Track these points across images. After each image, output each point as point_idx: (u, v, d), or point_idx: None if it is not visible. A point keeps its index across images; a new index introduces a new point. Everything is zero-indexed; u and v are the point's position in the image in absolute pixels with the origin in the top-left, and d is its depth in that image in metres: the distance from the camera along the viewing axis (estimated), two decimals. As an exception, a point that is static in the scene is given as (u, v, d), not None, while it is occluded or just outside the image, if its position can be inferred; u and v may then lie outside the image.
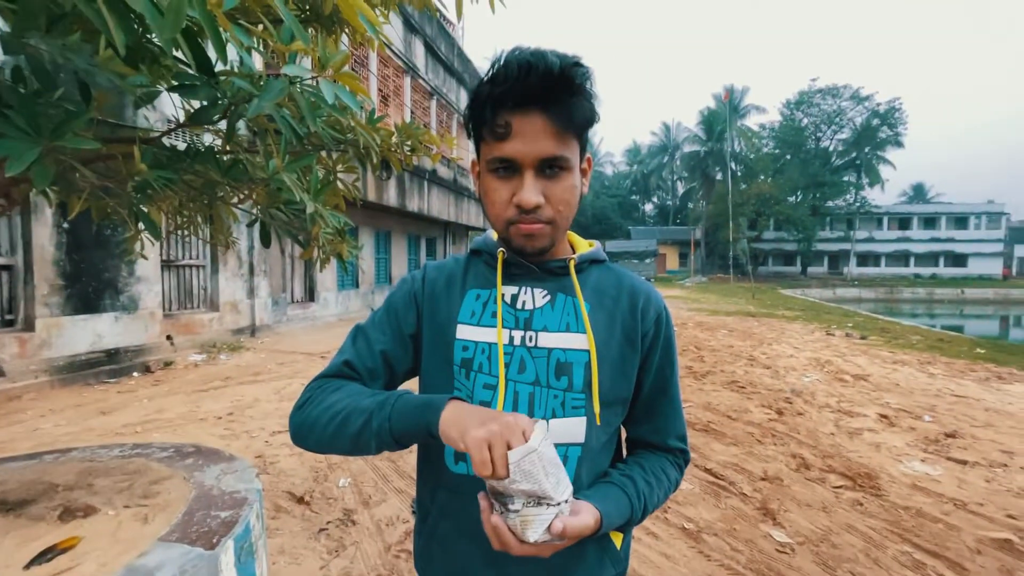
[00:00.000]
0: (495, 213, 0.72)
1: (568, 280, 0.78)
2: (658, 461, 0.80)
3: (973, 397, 5.18)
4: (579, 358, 0.73)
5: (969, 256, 40.79)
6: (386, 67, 11.53)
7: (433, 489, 0.78)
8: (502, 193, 0.70)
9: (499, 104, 0.66)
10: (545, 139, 0.67)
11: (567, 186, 0.70)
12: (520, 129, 0.66)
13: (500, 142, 0.68)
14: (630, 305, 0.78)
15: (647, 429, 0.82)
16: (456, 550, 0.74)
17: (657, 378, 0.80)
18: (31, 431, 3.90)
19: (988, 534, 2.52)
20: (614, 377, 0.75)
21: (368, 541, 2.40)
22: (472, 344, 0.75)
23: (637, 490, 0.73)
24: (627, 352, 0.77)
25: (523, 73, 0.64)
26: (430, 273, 0.83)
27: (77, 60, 1.46)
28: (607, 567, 0.76)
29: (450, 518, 0.75)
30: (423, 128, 2.37)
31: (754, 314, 13.93)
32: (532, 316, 0.75)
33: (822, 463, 3.44)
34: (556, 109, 0.66)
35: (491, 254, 0.80)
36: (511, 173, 0.69)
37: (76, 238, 5.60)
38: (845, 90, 35.59)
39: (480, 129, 0.70)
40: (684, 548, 2.42)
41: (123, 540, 1.55)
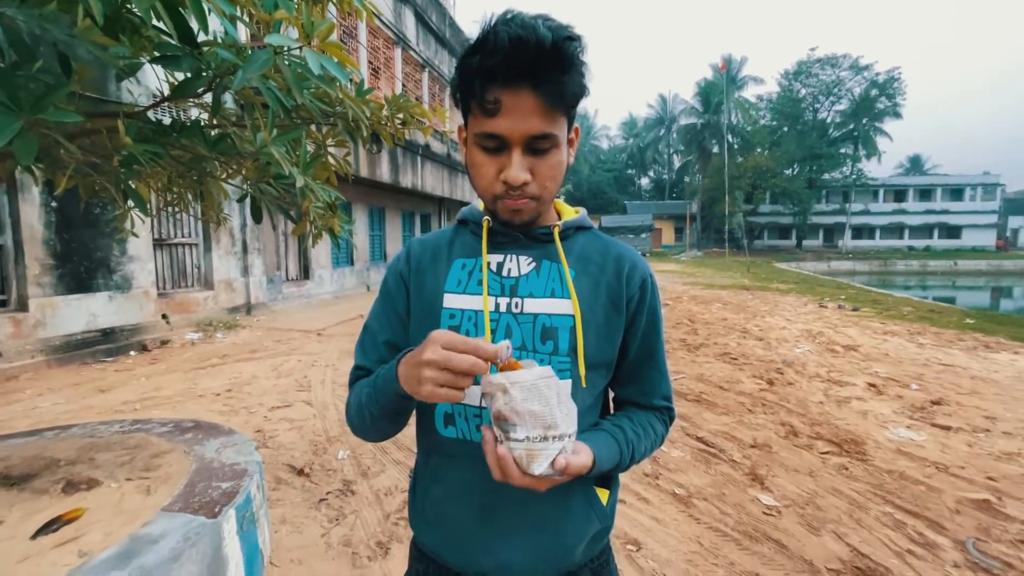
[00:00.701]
0: (483, 188, 0.73)
1: (553, 247, 0.79)
2: (645, 416, 0.83)
3: (960, 366, 5.28)
4: (564, 323, 0.75)
5: (963, 228, 40.91)
6: (376, 38, 11.24)
7: (427, 454, 0.81)
8: (489, 168, 0.70)
9: (488, 79, 0.65)
10: (534, 117, 0.66)
11: (554, 163, 0.71)
12: (509, 106, 0.66)
13: (489, 118, 0.67)
14: (615, 271, 0.80)
15: (634, 391, 0.85)
16: (449, 510, 0.77)
17: (643, 343, 0.82)
18: (29, 410, 3.93)
19: (967, 495, 2.61)
20: (599, 341, 0.77)
21: (367, 510, 2.46)
22: (459, 312, 0.77)
23: (626, 438, 0.76)
24: (612, 316, 0.78)
25: (514, 48, 0.63)
26: (414, 249, 0.85)
27: (55, 31, 1.43)
28: (593, 522, 0.79)
29: (442, 482, 0.78)
30: (414, 101, 2.33)
31: (748, 287, 14.01)
32: (518, 283, 0.77)
33: (810, 430, 3.52)
34: (546, 86, 0.65)
35: (477, 223, 0.82)
36: (499, 149, 0.69)
37: (65, 217, 5.54)
38: (844, 60, 34.98)
39: (468, 101, 0.69)
40: (674, 512, 2.50)
41: (127, 511, 1.59)
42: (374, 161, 10.75)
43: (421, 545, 0.83)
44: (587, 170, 51.58)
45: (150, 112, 1.81)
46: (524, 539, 0.75)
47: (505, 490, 0.73)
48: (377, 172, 10.94)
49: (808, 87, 36.43)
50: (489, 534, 0.75)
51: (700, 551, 2.18)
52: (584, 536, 0.78)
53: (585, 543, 0.78)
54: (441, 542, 0.79)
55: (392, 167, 11.61)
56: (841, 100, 36.23)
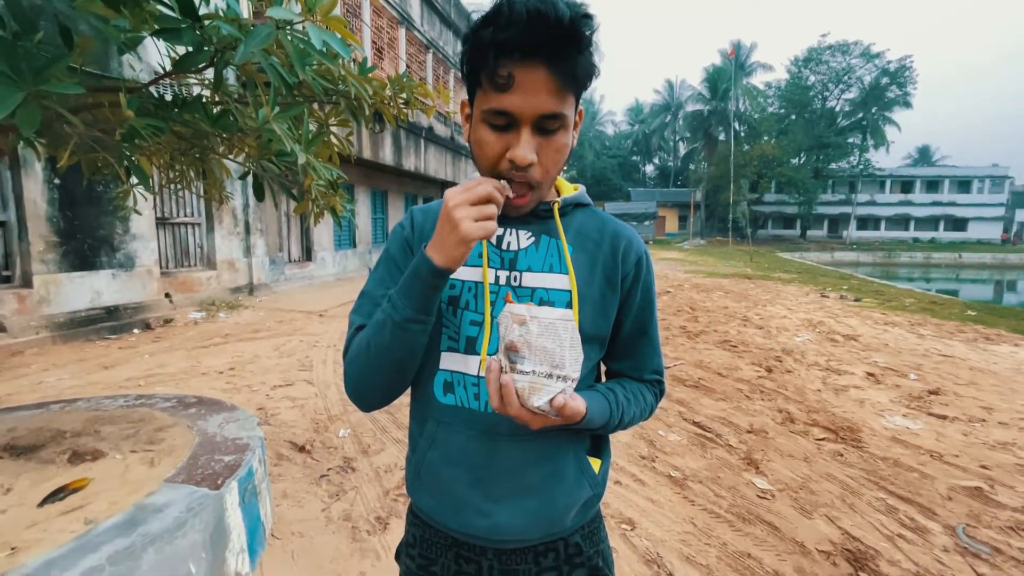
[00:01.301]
0: (486, 165, 0.71)
1: (552, 223, 0.80)
2: (637, 385, 0.85)
3: (959, 357, 5.30)
4: (561, 297, 0.76)
5: (969, 220, 40.60)
6: (380, 17, 11.08)
7: (422, 421, 0.82)
8: (495, 146, 0.69)
9: (502, 52, 0.63)
10: (546, 95, 0.65)
11: (560, 145, 0.70)
12: (522, 81, 0.64)
13: (500, 93, 0.65)
14: (611, 248, 0.81)
15: (627, 365, 0.87)
16: (444, 476, 0.79)
17: (637, 318, 0.83)
18: (35, 384, 3.98)
19: (960, 482, 2.64)
20: (594, 316, 0.78)
21: (367, 486, 2.51)
22: (459, 282, 0.78)
23: (616, 399, 0.78)
24: (607, 293, 0.80)
25: (532, 21, 0.61)
26: (417, 216, 0.85)
27: (56, 2, 1.42)
28: (584, 488, 0.81)
29: (438, 447, 0.79)
30: (417, 80, 2.32)
31: (751, 277, 13.99)
32: (517, 256, 0.78)
33: (807, 417, 3.55)
34: (560, 63, 0.64)
35: None
36: (507, 127, 0.67)
37: (68, 194, 5.54)
38: (855, 47, 34.38)
39: (478, 74, 0.68)
40: (670, 494, 2.53)
41: (131, 481, 1.62)
42: (377, 143, 10.68)
43: (418, 510, 0.85)
44: (591, 156, 51.14)
45: (152, 88, 1.81)
46: (517, 503, 0.77)
47: (499, 455, 0.75)
48: (380, 154, 10.87)
49: (818, 74, 35.89)
50: (483, 497, 0.77)
51: (694, 531, 2.22)
52: (576, 502, 0.80)
53: (576, 509, 0.80)
54: (436, 505, 0.81)
55: (395, 149, 11.54)
56: (851, 88, 35.70)
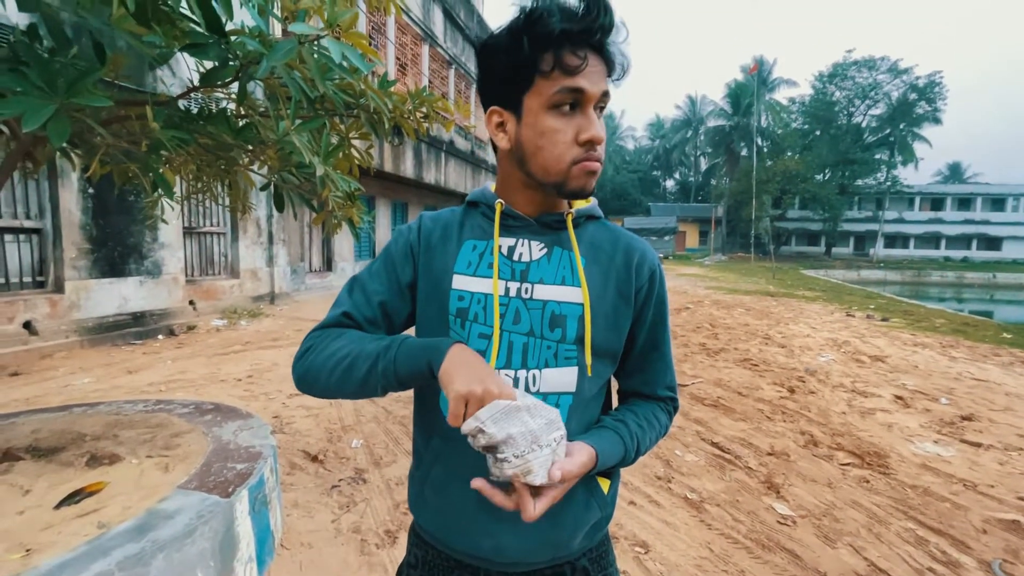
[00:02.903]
0: (557, 155, 0.70)
1: (565, 234, 0.79)
2: (649, 407, 0.83)
3: (994, 381, 5.08)
4: (573, 311, 0.74)
5: (1004, 239, 39.26)
6: (404, 35, 11.34)
7: (428, 436, 0.81)
8: (567, 133, 0.70)
9: (575, 38, 0.68)
10: (602, 79, 0.70)
11: (604, 128, 0.73)
12: (592, 63, 0.69)
13: (572, 76, 0.68)
14: (625, 261, 0.79)
15: (638, 381, 0.85)
16: (448, 492, 0.77)
17: (650, 333, 0.82)
18: (62, 387, 4.09)
19: (996, 515, 2.51)
20: (607, 330, 0.76)
21: (378, 498, 2.49)
22: (468, 294, 0.76)
23: (630, 432, 0.76)
24: (620, 306, 0.78)
25: (599, 12, 0.67)
26: (426, 223, 0.84)
27: (91, 19, 1.48)
28: (594, 510, 0.78)
29: (443, 463, 0.77)
30: (436, 95, 2.35)
31: (773, 294, 13.71)
32: (528, 268, 0.77)
33: (831, 441, 3.43)
34: (608, 52, 0.70)
35: (489, 206, 0.81)
36: (575, 110, 0.70)
37: (102, 203, 5.74)
38: (882, 63, 33.85)
39: (535, 65, 0.68)
40: (686, 517, 2.46)
41: (145, 486, 1.64)
42: (398, 156, 10.86)
43: (420, 530, 0.83)
44: (611, 170, 51.13)
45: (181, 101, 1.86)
46: (523, 524, 0.74)
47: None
48: (401, 167, 11.04)
49: (843, 90, 35.37)
50: (488, 517, 0.75)
51: (710, 557, 2.15)
52: (584, 524, 0.77)
53: (584, 531, 0.78)
54: (440, 524, 0.79)
55: (416, 162, 11.71)
56: (878, 104, 35.09)
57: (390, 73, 10.68)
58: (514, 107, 0.73)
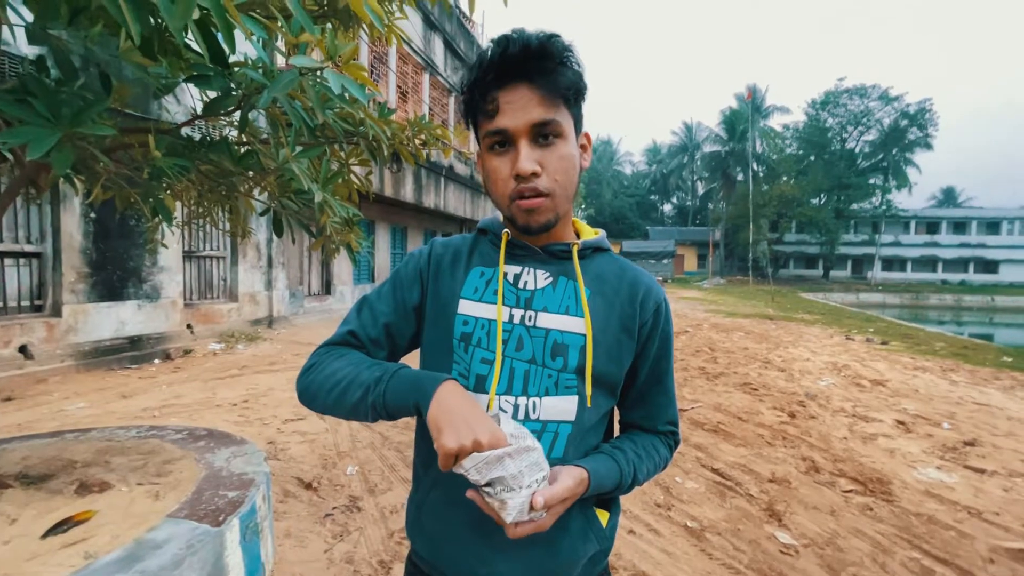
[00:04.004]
0: (498, 192, 0.74)
1: (571, 264, 0.79)
2: (649, 438, 0.83)
3: (996, 405, 5.04)
4: (575, 341, 0.75)
5: (1001, 262, 39.47)
6: (405, 64, 11.61)
7: (427, 460, 0.80)
8: (501, 170, 0.72)
9: (485, 84, 0.70)
10: (533, 107, 0.69)
11: (563, 154, 0.72)
12: (507, 101, 0.69)
13: (491, 119, 0.71)
14: (630, 295, 0.80)
15: (640, 415, 0.85)
16: (446, 518, 0.77)
17: (653, 368, 0.82)
18: (56, 412, 4.05)
19: (1003, 543, 2.46)
20: (608, 362, 0.77)
21: (372, 527, 2.45)
22: (472, 319, 0.77)
23: (626, 457, 0.76)
24: (623, 339, 0.78)
25: (501, 49, 0.68)
26: (437, 249, 0.86)
27: (98, 51, 1.52)
28: (591, 542, 0.77)
29: (441, 487, 0.77)
30: (434, 123, 2.40)
31: (772, 317, 13.71)
32: (533, 296, 0.77)
33: (833, 467, 3.38)
34: (540, 78, 0.69)
35: (496, 234, 0.83)
36: (507, 147, 0.71)
37: (103, 227, 5.78)
38: (873, 90, 34.64)
39: (475, 114, 0.73)
40: (686, 546, 2.41)
41: (135, 515, 1.61)
42: (398, 181, 10.99)
43: (416, 557, 0.83)
44: (609, 195, 51.70)
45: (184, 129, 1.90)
46: (519, 553, 0.74)
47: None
48: (401, 192, 11.16)
49: (836, 116, 36.08)
50: (485, 545, 0.74)
51: (712, 588, 2.10)
52: (581, 556, 0.76)
53: (582, 564, 0.77)
54: (436, 550, 0.78)
55: (416, 187, 11.84)
56: (870, 130, 35.74)
57: (391, 100, 10.91)
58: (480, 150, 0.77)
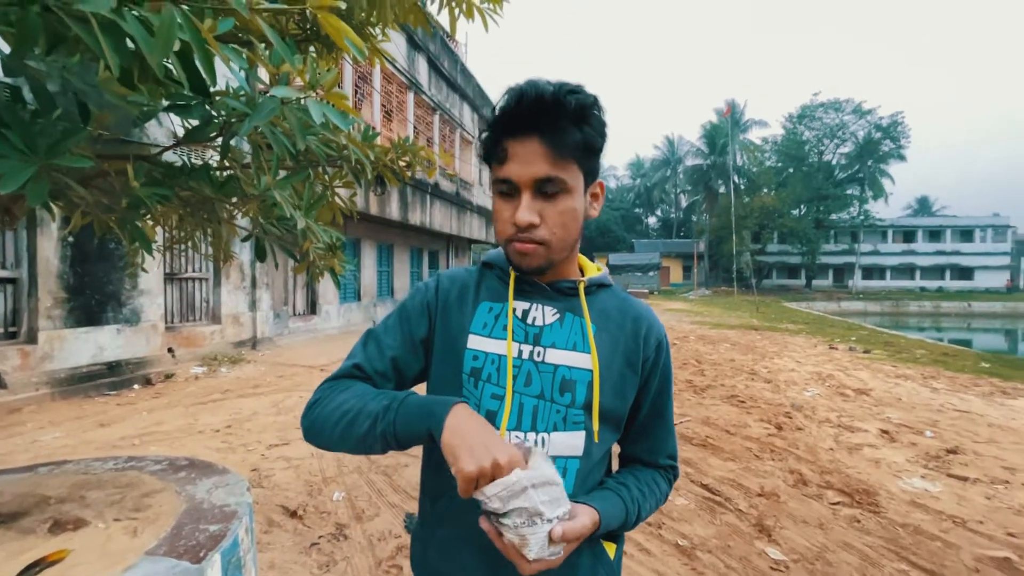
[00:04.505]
0: (499, 232, 0.77)
1: (577, 301, 0.81)
2: (650, 474, 0.84)
3: (976, 412, 5.13)
4: (583, 377, 0.76)
5: (975, 269, 40.53)
6: (390, 83, 11.69)
7: (435, 496, 0.80)
8: (504, 213, 0.74)
9: (500, 132, 0.72)
10: (540, 162, 0.70)
11: (564, 208, 0.72)
12: (516, 152, 0.71)
13: (501, 165, 0.72)
14: (633, 330, 0.82)
15: (641, 448, 0.86)
16: (454, 555, 0.77)
17: (654, 402, 0.84)
18: (30, 443, 3.92)
19: (987, 552, 2.49)
20: (613, 397, 0.78)
21: (359, 556, 2.39)
22: (482, 354, 0.78)
23: (631, 496, 0.77)
24: (627, 374, 0.80)
25: (514, 100, 0.70)
26: (444, 283, 0.86)
27: (76, 81, 1.51)
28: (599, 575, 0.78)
29: (449, 524, 0.77)
30: (419, 144, 2.41)
31: (757, 328, 13.86)
32: (542, 332, 0.78)
33: (820, 479, 3.41)
34: (551, 134, 0.69)
35: (503, 269, 0.84)
36: (512, 194, 0.73)
37: (80, 251, 5.67)
38: (847, 104, 35.70)
39: (490, 156, 0.75)
40: (677, 565, 2.39)
41: (111, 553, 1.55)
42: (384, 199, 10.98)
43: None
44: (594, 209, 52.05)
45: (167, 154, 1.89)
46: None
47: None
48: (387, 210, 11.15)
49: (812, 130, 37.07)
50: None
51: (704, 608, 2.08)
52: None
53: None
54: None
55: (401, 205, 11.85)
56: (845, 143, 36.75)
57: (376, 120, 10.95)
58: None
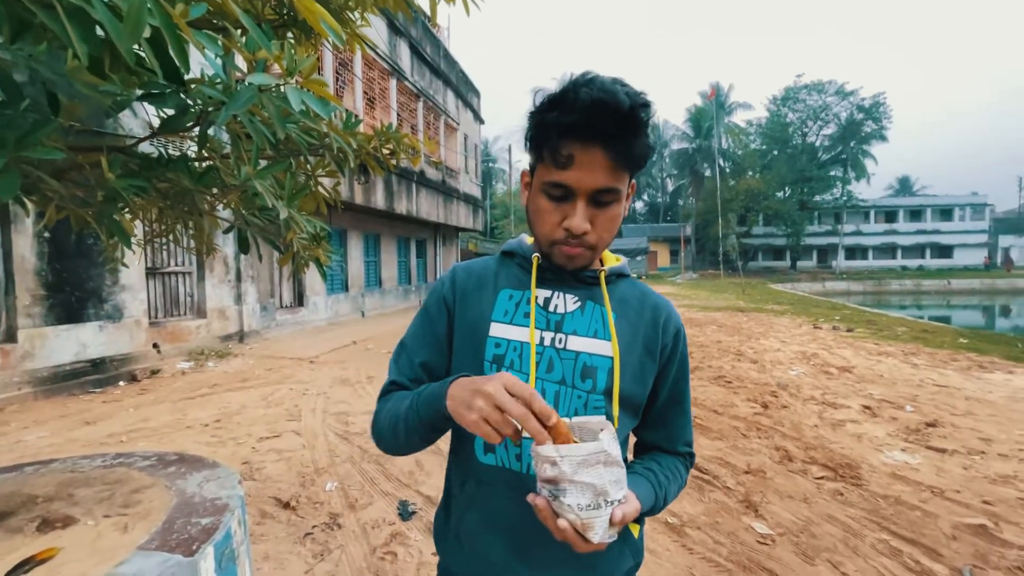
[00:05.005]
0: (543, 232, 0.76)
1: (598, 290, 0.82)
2: (671, 460, 0.85)
3: (954, 386, 5.28)
4: (604, 363, 0.77)
5: (955, 247, 41.36)
6: (371, 69, 11.49)
7: (463, 480, 0.82)
8: (553, 216, 0.74)
9: (565, 133, 0.69)
10: (602, 172, 0.69)
11: (613, 215, 0.74)
12: (581, 160, 0.69)
13: (560, 170, 0.70)
14: (652, 319, 0.83)
15: (659, 436, 0.87)
16: (482, 539, 0.78)
17: (672, 390, 0.85)
18: (13, 444, 3.86)
19: (964, 520, 2.58)
20: (633, 384, 0.79)
21: (353, 544, 2.41)
22: (504, 342, 0.79)
23: (658, 481, 0.79)
24: (646, 362, 0.81)
25: (594, 108, 0.66)
26: (459, 276, 0.87)
27: (44, 71, 1.46)
28: (627, 557, 0.80)
29: (477, 509, 0.79)
30: (402, 132, 2.38)
31: (743, 309, 14.05)
32: (563, 319, 0.80)
33: (805, 455, 3.49)
34: (617, 146, 0.68)
35: (525, 258, 0.84)
36: (564, 198, 0.72)
37: (58, 247, 5.54)
38: (830, 85, 35.88)
39: (541, 150, 0.73)
40: (667, 543, 2.45)
41: (102, 550, 1.55)
42: (369, 188, 10.86)
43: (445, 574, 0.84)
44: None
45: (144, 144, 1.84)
46: (557, 573, 0.76)
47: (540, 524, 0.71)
48: (372, 199, 11.04)
49: (796, 112, 37.25)
50: (522, 565, 0.76)
51: (693, 582, 2.14)
52: (618, 571, 0.79)
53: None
54: (472, 569, 0.80)
55: (387, 194, 11.72)
56: (828, 124, 37.01)
57: (358, 107, 10.78)
58: (532, 176, 0.78)
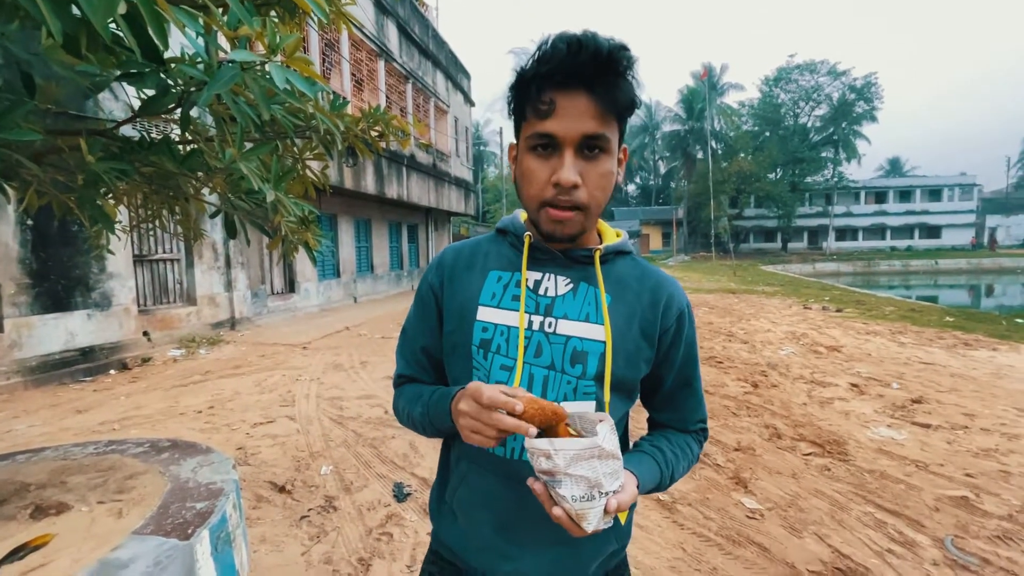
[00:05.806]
0: (531, 194, 0.72)
1: (592, 270, 0.78)
2: (683, 437, 0.85)
3: (940, 364, 5.38)
4: (595, 348, 0.75)
5: (943, 227, 41.77)
6: (359, 51, 11.27)
7: (457, 456, 0.83)
8: (541, 172, 0.70)
9: (545, 82, 0.67)
10: (588, 118, 0.66)
11: (604, 170, 0.70)
12: (564, 106, 0.66)
13: (542, 119, 0.68)
14: (651, 301, 0.79)
15: (671, 417, 0.86)
16: (471, 516, 0.80)
17: (680, 372, 0.82)
18: (4, 433, 3.84)
19: (946, 492, 2.65)
20: (626, 369, 0.77)
21: (349, 526, 2.44)
22: (492, 326, 0.77)
23: (665, 459, 0.78)
24: (642, 345, 0.78)
25: (572, 52, 0.65)
26: (447, 257, 0.85)
27: (17, 50, 1.42)
28: (611, 541, 0.81)
29: (469, 487, 0.80)
30: (391, 113, 2.34)
31: (735, 291, 14.15)
32: (553, 303, 0.77)
33: (793, 432, 3.55)
34: (601, 89, 0.66)
35: (517, 236, 0.81)
36: (551, 152, 0.69)
37: (42, 235, 5.45)
38: (822, 66, 35.75)
39: (523, 107, 0.70)
40: (658, 519, 2.50)
41: (97, 535, 1.55)
42: (358, 172, 10.73)
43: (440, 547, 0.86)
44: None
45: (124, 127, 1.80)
46: (542, 551, 0.77)
47: (527, 502, 0.72)
48: (362, 183, 10.91)
49: (788, 92, 37.14)
50: (507, 543, 0.77)
51: (684, 557, 2.19)
52: (602, 554, 0.80)
53: (601, 560, 0.81)
54: (461, 540, 0.82)
55: (377, 178, 11.60)
56: (820, 105, 36.94)
57: (346, 89, 10.59)
58: (518, 143, 0.75)
